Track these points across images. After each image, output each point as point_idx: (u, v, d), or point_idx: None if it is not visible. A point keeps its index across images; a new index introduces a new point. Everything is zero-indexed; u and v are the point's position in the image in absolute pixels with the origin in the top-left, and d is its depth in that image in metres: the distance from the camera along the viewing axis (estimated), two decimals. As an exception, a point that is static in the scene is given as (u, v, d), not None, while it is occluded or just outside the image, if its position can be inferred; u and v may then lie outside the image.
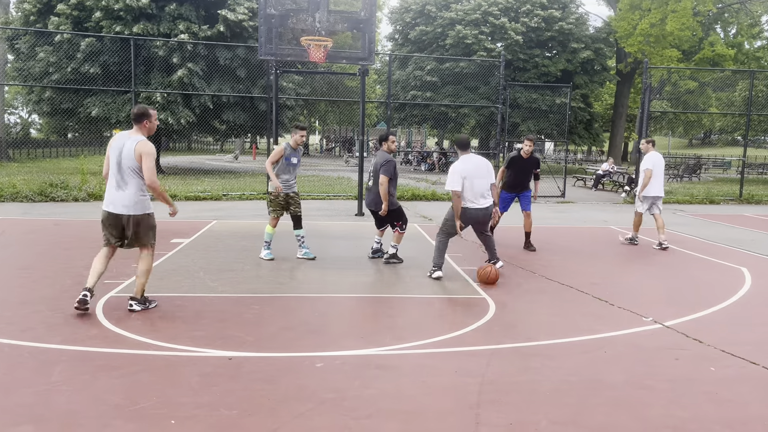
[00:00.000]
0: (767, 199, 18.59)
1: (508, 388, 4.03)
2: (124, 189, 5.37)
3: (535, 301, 6.34)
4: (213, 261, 7.78)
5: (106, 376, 4.04)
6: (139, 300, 5.55)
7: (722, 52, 29.14)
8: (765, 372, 4.42)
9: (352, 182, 19.69)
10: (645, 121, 16.93)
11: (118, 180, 5.38)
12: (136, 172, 5.32)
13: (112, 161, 5.40)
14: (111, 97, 20.14)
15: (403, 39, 33.55)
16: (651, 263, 8.54)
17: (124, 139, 5.37)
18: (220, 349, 4.58)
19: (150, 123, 5.45)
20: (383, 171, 7.64)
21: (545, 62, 30.64)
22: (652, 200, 9.81)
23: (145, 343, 4.68)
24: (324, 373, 4.19)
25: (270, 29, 11.55)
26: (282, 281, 6.83)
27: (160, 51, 19.55)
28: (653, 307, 6.12)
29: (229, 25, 20.84)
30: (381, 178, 7.61)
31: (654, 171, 9.62)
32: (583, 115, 31.89)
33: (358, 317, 5.58)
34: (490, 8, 30.29)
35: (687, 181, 28.72)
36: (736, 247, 9.84)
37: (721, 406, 3.84)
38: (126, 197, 5.37)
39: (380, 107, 50.25)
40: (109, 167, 5.45)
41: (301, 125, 7.89)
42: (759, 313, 6.03)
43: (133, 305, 5.50)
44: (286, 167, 7.78)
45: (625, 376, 4.27)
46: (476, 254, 8.70)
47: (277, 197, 7.81)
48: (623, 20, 28.80)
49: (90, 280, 5.42)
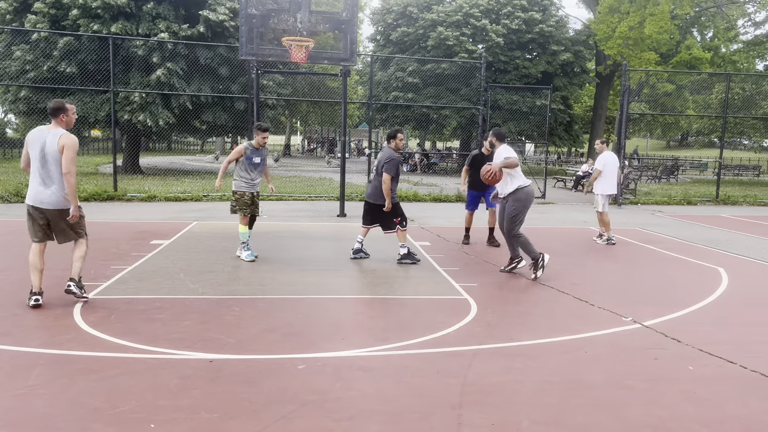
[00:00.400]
0: (743, 200, 18.91)
1: (490, 388, 4.05)
2: (50, 185, 5.49)
3: (516, 301, 6.38)
4: (193, 262, 7.71)
5: (84, 380, 3.98)
6: (78, 283, 5.67)
7: (699, 55, 29.57)
8: (742, 371, 4.49)
9: (334, 183, 19.65)
10: (624, 122, 17.11)
11: (43, 175, 5.48)
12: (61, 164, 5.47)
13: (34, 156, 5.48)
14: (89, 96, 19.88)
15: (384, 40, 33.55)
16: (630, 264, 8.63)
17: (44, 134, 5.47)
18: (201, 352, 4.54)
19: (67, 117, 5.59)
20: (386, 169, 7.72)
21: (526, 64, 30.83)
22: (609, 198, 10.27)
23: (124, 345, 4.62)
24: (306, 375, 4.17)
25: (251, 29, 11.48)
26: (263, 283, 6.79)
27: (140, 50, 19.33)
28: (632, 307, 6.19)
29: (210, 25, 20.68)
30: (384, 176, 7.70)
31: (605, 170, 10.14)
32: (563, 116, 32.14)
33: (340, 319, 5.56)
34: (472, 10, 30.42)
35: (665, 182, 29.10)
36: (713, 248, 9.99)
37: (699, 405, 3.89)
38: (52, 192, 5.50)
39: (362, 108, 50.24)
40: (31, 162, 5.53)
41: (263, 126, 7.89)
42: (735, 313, 6.12)
43: (71, 286, 5.62)
44: (248, 167, 7.83)
45: (606, 376, 4.31)
46: (459, 256, 8.74)
47: (242, 196, 7.84)
48: (602, 23, 29.09)
49: (35, 283, 5.56)
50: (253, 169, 7.86)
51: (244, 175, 7.82)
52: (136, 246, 8.68)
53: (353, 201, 15.53)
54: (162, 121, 19.84)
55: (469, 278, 7.29)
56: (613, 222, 13.06)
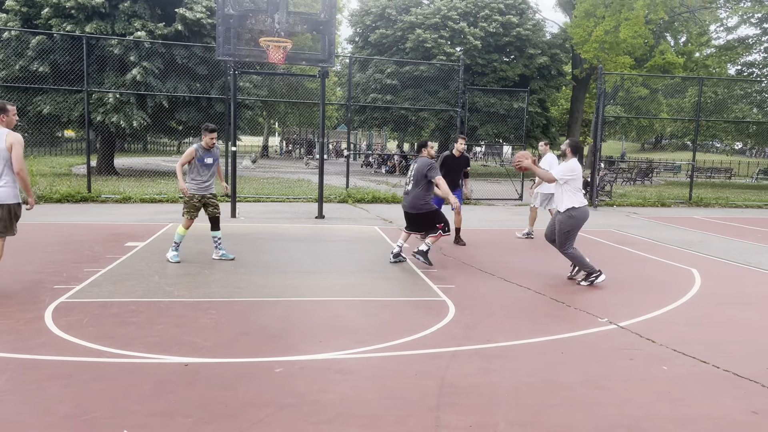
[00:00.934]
0: (715, 201, 19.25)
1: (467, 390, 4.05)
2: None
3: (494, 302, 6.40)
4: (169, 265, 7.61)
5: (54, 385, 3.90)
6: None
7: (672, 59, 30.07)
8: (715, 371, 4.55)
9: (312, 185, 19.58)
10: (599, 125, 17.31)
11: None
12: (10, 162, 5.79)
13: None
14: (62, 95, 19.55)
15: (363, 42, 33.58)
16: (605, 265, 8.71)
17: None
18: (176, 356, 4.48)
19: (7, 117, 5.86)
20: (433, 172, 7.91)
21: (503, 67, 31.08)
22: (547, 197, 10.70)
23: (97, 350, 4.54)
24: (283, 378, 4.14)
25: (228, 29, 11.40)
26: (240, 285, 6.73)
27: (116, 49, 19.04)
28: (608, 308, 6.25)
29: (187, 24, 20.48)
30: (436, 179, 7.88)
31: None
32: (540, 119, 32.46)
33: (317, 321, 5.53)
34: (450, 13, 30.59)
35: (639, 184, 29.51)
36: (687, 249, 10.14)
37: (673, 405, 3.93)
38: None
39: (340, 109, 50.17)
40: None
41: (210, 127, 7.88)
42: (708, 313, 6.22)
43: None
44: (201, 168, 7.83)
45: (582, 377, 4.34)
46: (437, 258, 8.75)
47: (191, 199, 7.82)
48: (578, 27, 29.45)
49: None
50: (206, 170, 7.85)
51: (195, 177, 7.85)
52: (110, 248, 8.55)
53: (332, 203, 15.49)
54: (136, 123, 19.57)
55: (447, 280, 7.30)
56: (588, 223, 13.20)
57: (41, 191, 14.12)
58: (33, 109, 19.58)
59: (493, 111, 29.99)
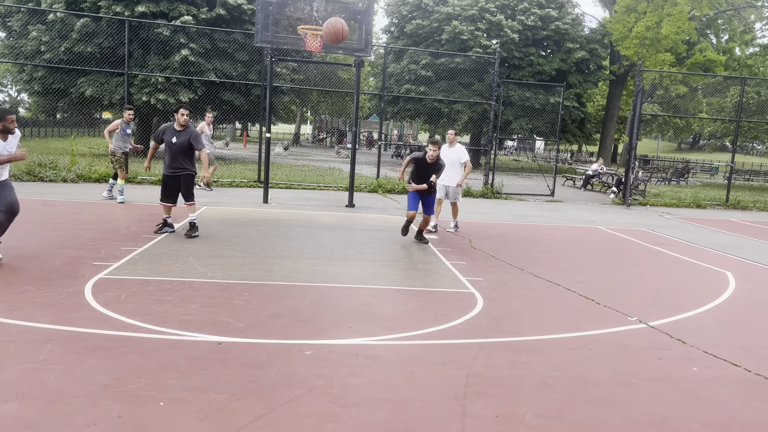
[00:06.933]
0: (753, 205, 18.81)
1: (494, 381, 4.08)
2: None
3: (522, 297, 6.40)
4: (203, 246, 7.77)
5: (94, 357, 4.04)
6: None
7: (713, 57, 29.35)
8: (746, 374, 4.50)
9: (343, 173, 19.68)
10: (636, 123, 17.04)
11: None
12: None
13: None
14: (105, 77, 19.94)
15: (398, 32, 33.45)
16: (637, 264, 8.63)
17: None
18: (210, 334, 4.60)
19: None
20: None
21: (540, 61, 30.69)
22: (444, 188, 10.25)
23: (134, 325, 4.69)
24: (313, 361, 4.22)
25: (267, 16, 11.51)
26: (272, 269, 6.84)
27: (165, 31, 19.29)
28: (638, 307, 6.21)
29: (229, 9, 20.72)
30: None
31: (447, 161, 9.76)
32: (577, 113, 32.02)
33: (347, 307, 5.61)
34: (487, 5, 30.27)
35: (675, 184, 28.96)
36: (721, 251, 9.97)
37: (701, 406, 3.91)
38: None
39: (373, 99, 50.19)
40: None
41: (128, 106, 11.43)
42: (741, 317, 6.13)
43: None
44: (124, 136, 11.25)
45: (609, 374, 4.34)
46: (466, 250, 8.76)
47: (114, 154, 11.26)
48: (619, 22, 28.90)
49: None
50: (126, 137, 11.35)
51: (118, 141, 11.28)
52: (146, 228, 8.75)
53: (362, 192, 15.57)
54: (185, 98, 19.83)
55: (475, 272, 7.32)
56: (621, 222, 13.08)
57: (80, 171, 14.47)
58: (76, 90, 20.02)
59: (528, 105, 29.67)
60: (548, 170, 22.61)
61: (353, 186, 13.12)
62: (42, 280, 5.76)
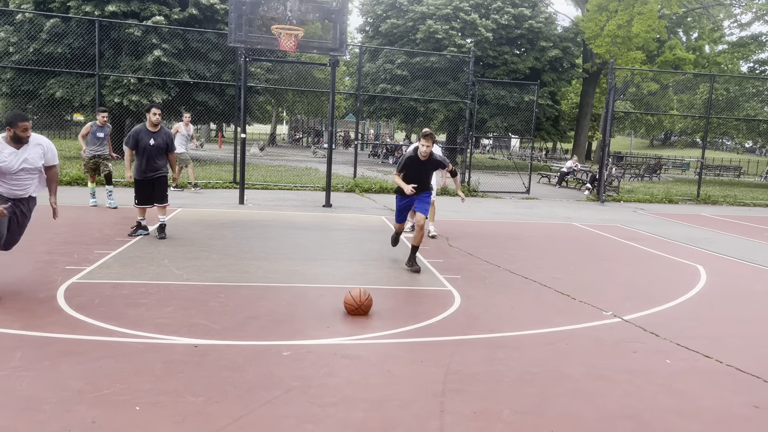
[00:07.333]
0: (723, 199, 19.19)
1: (472, 378, 4.11)
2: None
3: (499, 294, 6.45)
4: (178, 249, 7.69)
5: (67, 363, 3.98)
6: None
7: (682, 55, 29.86)
8: (717, 365, 4.59)
9: (320, 173, 19.63)
10: (609, 120, 17.26)
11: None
12: None
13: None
14: (75, 78, 19.61)
15: (373, 31, 33.45)
16: (611, 260, 8.75)
17: None
18: (186, 337, 4.55)
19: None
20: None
21: (514, 59, 30.93)
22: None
23: (108, 329, 4.62)
24: (290, 362, 4.20)
25: (240, 16, 11.43)
26: (248, 271, 6.80)
27: (137, 31, 19.01)
28: (613, 301, 6.29)
29: (201, 9, 20.52)
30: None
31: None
32: (551, 111, 32.33)
33: (325, 307, 5.59)
34: (461, 4, 30.43)
35: (647, 180, 29.41)
36: (693, 246, 10.15)
37: (675, 397, 3.98)
38: None
39: (349, 99, 50.06)
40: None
41: (101, 108, 11.05)
42: (713, 310, 6.25)
43: None
44: (94, 139, 10.77)
45: (585, 368, 4.39)
46: (443, 248, 8.80)
47: (87, 161, 10.95)
48: (591, 21, 29.24)
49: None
50: (99, 141, 10.86)
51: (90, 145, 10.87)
52: (120, 231, 8.64)
53: (339, 192, 15.54)
54: (158, 99, 19.56)
55: (452, 270, 7.35)
56: (595, 218, 13.25)
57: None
58: (45, 92, 19.66)
59: (503, 103, 29.88)
60: (524, 168, 22.81)
61: (330, 186, 13.09)
62: (13, 286, 5.65)
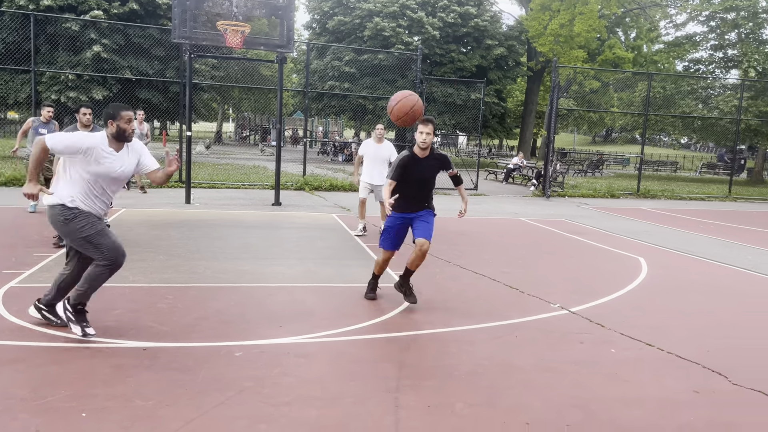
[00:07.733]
0: (661, 194, 19.94)
1: (425, 372, 4.15)
2: None
3: (450, 289, 6.53)
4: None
5: (8, 370, 3.82)
6: None
7: (622, 54, 30.84)
8: (659, 353, 4.78)
9: (269, 171, 19.42)
10: (553, 117, 17.68)
11: None
12: None
13: None
14: (9, 75, 18.81)
15: (321, 28, 33.30)
16: (558, 253, 8.97)
17: None
18: (134, 340, 4.44)
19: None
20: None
21: (461, 57, 31.32)
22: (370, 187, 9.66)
23: (52, 335, 4.46)
24: (242, 362, 4.15)
25: (184, 11, 11.18)
26: (196, 271, 6.67)
27: (74, 26, 18.33)
28: (560, 294, 6.46)
29: (142, 3, 19.97)
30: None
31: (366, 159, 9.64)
32: (497, 108, 32.88)
33: (276, 306, 5.55)
34: (408, 2, 30.60)
35: (590, 176, 30.26)
36: (634, 238, 10.51)
37: (620, 386, 4.12)
38: None
39: (297, 96, 49.64)
40: None
41: (47, 103, 10.36)
42: (655, 300, 6.49)
43: None
44: (35, 137, 9.75)
45: (534, 360, 4.50)
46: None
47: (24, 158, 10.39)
48: (534, 20, 29.88)
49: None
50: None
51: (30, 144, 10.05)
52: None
53: (288, 190, 15.41)
54: (99, 96, 18.93)
55: (403, 268, 7.37)
56: (541, 213, 13.55)
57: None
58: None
59: (451, 101, 30.23)
60: (471, 165, 23.09)
61: (279, 184, 12.97)
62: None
